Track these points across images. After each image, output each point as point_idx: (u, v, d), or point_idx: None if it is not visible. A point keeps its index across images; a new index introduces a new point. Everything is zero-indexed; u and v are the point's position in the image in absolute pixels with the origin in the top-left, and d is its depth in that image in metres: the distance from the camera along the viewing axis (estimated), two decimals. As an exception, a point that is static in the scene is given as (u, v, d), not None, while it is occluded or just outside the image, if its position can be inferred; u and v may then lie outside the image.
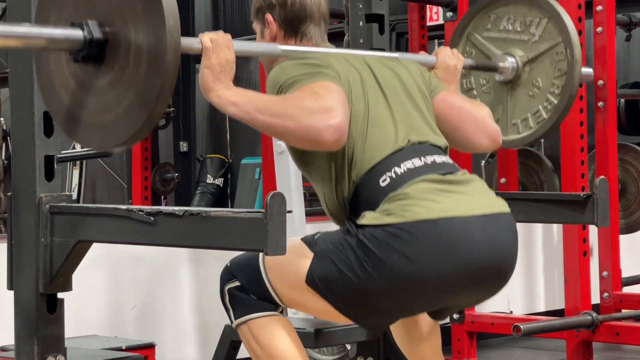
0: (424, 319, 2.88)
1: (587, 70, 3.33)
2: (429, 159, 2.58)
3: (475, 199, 2.54)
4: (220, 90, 2.45)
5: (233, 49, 2.47)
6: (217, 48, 2.45)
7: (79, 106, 2.31)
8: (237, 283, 2.61)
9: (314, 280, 2.51)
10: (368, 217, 2.47)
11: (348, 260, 2.46)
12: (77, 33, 2.22)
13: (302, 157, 2.64)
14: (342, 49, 2.80)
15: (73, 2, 2.30)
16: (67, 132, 2.40)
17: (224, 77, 2.46)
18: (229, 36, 2.48)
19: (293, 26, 2.74)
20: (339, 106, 2.44)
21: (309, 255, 2.53)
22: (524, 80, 3.28)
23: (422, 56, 2.98)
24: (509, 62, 3.28)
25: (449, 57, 2.99)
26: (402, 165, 2.54)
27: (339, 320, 2.59)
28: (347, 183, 2.57)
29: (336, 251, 2.48)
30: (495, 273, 2.55)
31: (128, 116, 2.20)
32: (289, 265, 2.55)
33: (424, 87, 2.75)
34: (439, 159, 2.60)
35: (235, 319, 2.61)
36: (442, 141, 2.68)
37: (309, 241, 2.56)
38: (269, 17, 2.74)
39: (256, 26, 2.80)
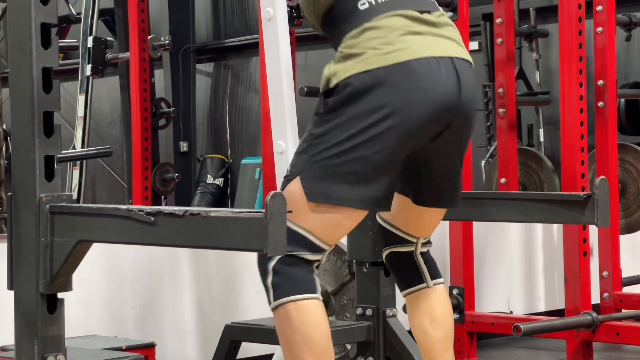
0: (441, 307, 2.89)
1: None
2: None
3: (445, 41, 2.62)
4: None
5: None
6: None
7: None
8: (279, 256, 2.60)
9: (313, 193, 2.55)
10: (339, 73, 2.55)
11: (327, 150, 2.54)
12: None
13: None
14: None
15: None
16: None
17: None
18: None
19: None
20: None
21: (295, 182, 2.58)
22: None
23: None
24: None
25: None
26: None
27: (359, 217, 2.62)
28: None
29: (312, 156, 2.56)
30: (461, 111, 2.63)
31: None
32: (293, 203, 2.56)
33: None
34: None
35: (275, 300, 2.58)
36: None
37: (286, 179, 2.61)
38: None
39: None
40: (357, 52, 2.55)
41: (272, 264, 2.60)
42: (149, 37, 6.95)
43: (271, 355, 3.96)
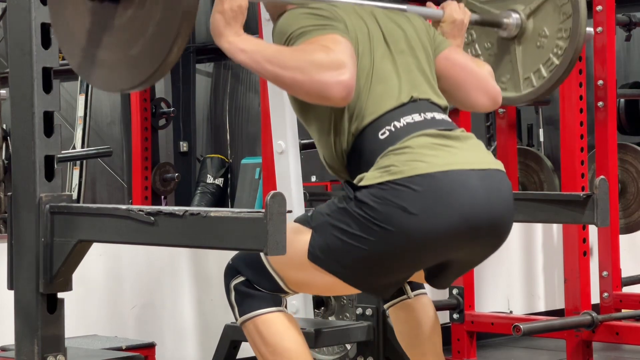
0: (426, 317, 2.89)
1: (588, 30, 3.32)
2: (429, 115, 2.59)
3: (472, 154, 2.55)
4: (231, 37, 2.45)
5: None
6: None
7: (97, 46, 2.30)
8: (242, 278, 2.60)
9: (316, 254, 2.50)
10: (368, 178, 2.47)
11: (348, 227, 2.46)
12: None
13: (302, 107, 2.64)
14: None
15: None
16: (84, 75, 2.38)
17: (235, 22, 2.46)
18: None
19: None
20: (349, 61, 2.43)
21: (307, 232, 2.52)
22: (530, 33, 3.26)
23: (430, 10, 2.97)
24: (513, 18, 3.25)
25: (456, 11, 2.96)
26: (401, 120, 2.55)
27: (347, 292, 2.58)
28: (346, 135, 2.58)
29: (334, 221, 2.48)
30: (494, 226, 2.55)
31: (148, 52, 2.19)
32: (290, 247, 2.51)
33: (428, 45, 2.75)
34: (439, 116, 2.61)
35: (240, 317, 2.60)
36: (442, 102, 2.69)
37: (304, 219, 2.56)
38: None
39: None
40: (385, 165, 2.47)
41: (234, 282, 2.62)
42: (149, 37, 6.94)
43: (271, 355, 3.96)
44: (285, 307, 2.62)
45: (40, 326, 2.52)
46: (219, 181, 10.14)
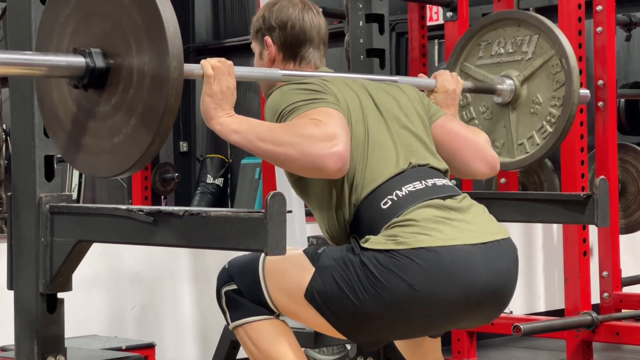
0: None
1: (584, 92, 3.32)
2: (430, 182, 2.58)
3: (476, 226, 2.54)
4: (222, 118, 2.45)
5: (234, 76, 2.48)
6: (218, 75, 2.45)
7: (82, 132, 2.31)
8: (234, 286, 2.60)
9: (313, 295, 2.50)
10: (372, 241, 2.46)
11: (350, 279, 2.45)
12: (79, 60, 2.22)
13: (300, 183, 2.63)
14: (342, 73, 2.79)
15: (75, 26, 2.29)
16: (70, 161, 2.39)
17: (225, 103, 2.46)
18: (230, 63, 2.48)
19: (292, 49, 2.74)
20: (341, 133, 2.43)
21: (310, 269, 2.51)
22: (524, 99, 3.29)
23: (422, 79, 2.98)
24: (507, 84, 3.29)
25: (448, 81, 2.98)
26: (403, 189, 2.54)
27: (333, 334, 2.58)
28: (347, 207, 2.56)
29: (338, 268, 2.47)
30: (495, 300, 2.55)
31: (131, 141, 2.20)
32: (289, 277, 2.53)
33: (423, 113, 2.75)
34: (439, 181, 2.60)
35: (232, 322, 2.61)
36: (442, 165, 2.68)
37: (312, 254, 2.54)
38: (268, 39, 2.74)
39: (255, 47, 2.80)
40: (389, 234, 2.47)
41: (225, 288, 2.61)
42: (149, 37, 6.94)
43: (271, 355, 3.96)
44: (278, 316, 2.62)
45: (40, 326, 2.52)
46: (219, 181, 10.13)
